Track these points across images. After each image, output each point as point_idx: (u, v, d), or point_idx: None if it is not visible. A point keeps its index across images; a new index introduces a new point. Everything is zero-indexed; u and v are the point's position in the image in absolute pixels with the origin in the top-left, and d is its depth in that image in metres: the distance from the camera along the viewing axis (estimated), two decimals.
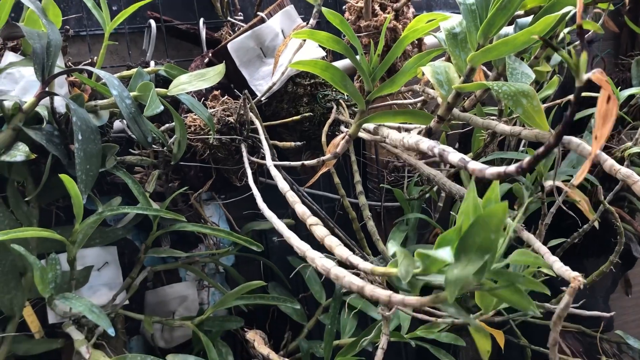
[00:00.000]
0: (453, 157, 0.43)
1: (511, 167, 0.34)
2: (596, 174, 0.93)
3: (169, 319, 0.87)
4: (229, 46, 0.89)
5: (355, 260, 0.42)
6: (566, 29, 0.71)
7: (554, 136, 0.32)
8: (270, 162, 0.67)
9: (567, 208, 0.82)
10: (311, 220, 0.50)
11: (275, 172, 0.63)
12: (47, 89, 0.68)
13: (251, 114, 0.82)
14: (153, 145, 0.82)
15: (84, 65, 0.84)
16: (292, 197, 0.56)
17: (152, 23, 0.95)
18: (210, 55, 0.91)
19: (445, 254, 0.31)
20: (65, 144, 0.73)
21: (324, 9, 0.59)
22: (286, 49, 0.87)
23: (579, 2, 0.34)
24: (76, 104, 0.68)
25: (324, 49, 0.89)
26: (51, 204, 0.81)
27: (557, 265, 0.52)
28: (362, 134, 0.75)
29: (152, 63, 0.91)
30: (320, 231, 0.48)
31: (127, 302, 0.85)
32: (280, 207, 0.69)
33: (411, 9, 0.98)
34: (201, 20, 0.97)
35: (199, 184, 0.90)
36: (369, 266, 0.40)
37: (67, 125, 0.73)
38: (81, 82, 0.80)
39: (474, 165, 0.38)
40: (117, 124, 0.87)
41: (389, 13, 0.94)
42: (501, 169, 0.34)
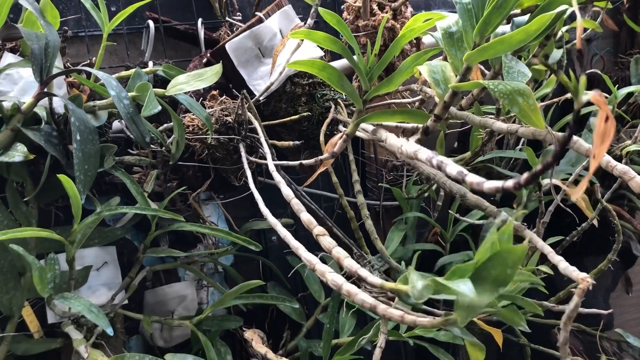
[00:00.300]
0: (451, 169, 0.43)
1: (509, 183, 0.35)
2: (595, 172, 0.92)
3: (167, 318, 0.87)
4: (227, 46, 0.89)
5: (364, 273, 0.43)
6: (564, 27, 0.71)
7: (551, 155, 0.33)
8: (272, 166, 0.66)
9: (566, 206, 0.82)
10: (317, 230, 0.50)
11: (278, 178, 0.62)
12: (45, 89, 0.68)
13: (249, 114, 0.82)
14: (151, 145, 0.83)
15: (83, 65, 0.84)
16: (297, 205, 0.56)
17: (151, 23, 0.95)
18: (209, 55, 0.91)
19: (467, 289, 0.31)
20: (64, 144, 0.73)
21: (321, 9, 0.59)
22: (284, 48, 0.87)
23: (578, 30, 0.34)
24: (74, 105, 0.69)
25: (322, 48, 0.89)
26: (50, 204, 0.81)
27: (562, 265, 0.51)
28: (359, 134, 0.75)
29: (151, 63, 0.91)
30: (327, 242, 0.48)
31: (126, 301, 0.85)
32: (278, 207, 0.69)
33: (409, 8, 0.97)
34: (199, 21, 0.97)
35: (197, 183, 0.90)
36: (377, 281, 0.41)
37: (65, 125, 0.73)
38: (80, 83, 0.80)
39: (472, 179, 0.39)
40: (115, 124, 0.87)
41: (387, 12, 0.94)
42: (499, 183, 0.35)
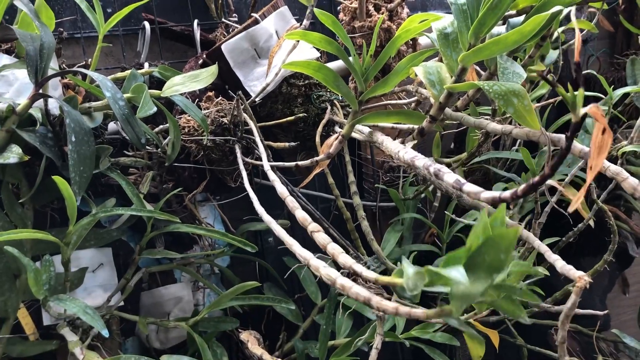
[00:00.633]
0: (449, 178, 0.43)
1: (506, 193, 0.35)
2: None
3: (164, 320, 0.87)
4: (223, 47, 0.89)
5: (359, 268, 0.43)
6: (560, 28, 0.71)
7: (549, 167, 0.34)
8: (267, 166, 0.66)
9: (562, 207, 0.82)
10: (312, 227, 0.50)
11: (273, 177, 0.62)
12: (40, 91, 0.68)
13: (245, 115, 0.82)
14: (147, 147, 0.82)
15: (78, 67, 0.84)
16: (292, 202, 0.56)
17: (147, 25, 0.94)
18: (205, 56, 0.91)
19: (459, 276, 0.31)
20: (59, 145, 0.73)
21: (316, 10, 0.59)
22: (280, 49, 0.87)
23: (577, 39, 0.34)
24: (70, 106, 0.68)
25: (318, 49, 0.89)
26: (45, 205, 0.81)
27: (559, 264, 0.52)
28: (355, 135, 0.75)
29: (147, 65, 0.90)
30: (322, 238, 0.48)
31: (122, 303, 0.84)
32: (275, 208, 0.69)
33: (405, 10, 0.97)
34: (195, 22, 0.97)
35: (193, 185, 0.89)
36: (372, 275, 0.41)
37: (61, 127, 0.73)
38: (75, 84, 0.80)
39: (470, 188, 0.39)
40: (111, 125, 0.87)
41: (383, 13, 0.94)
42: (496, 194, 0.36)
